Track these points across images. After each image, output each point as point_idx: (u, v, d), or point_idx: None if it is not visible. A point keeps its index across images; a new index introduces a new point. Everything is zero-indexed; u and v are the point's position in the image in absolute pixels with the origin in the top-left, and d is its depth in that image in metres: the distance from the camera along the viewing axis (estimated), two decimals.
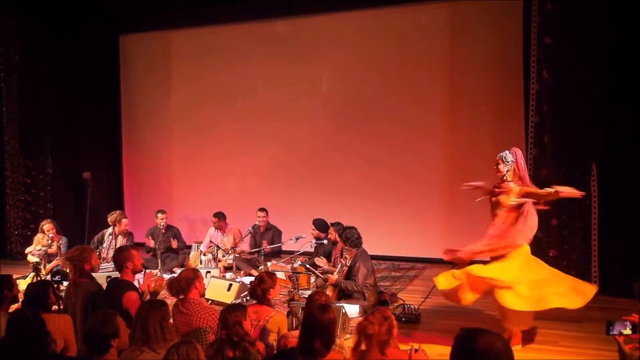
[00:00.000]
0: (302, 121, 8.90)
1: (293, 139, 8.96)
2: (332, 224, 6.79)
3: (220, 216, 8.03)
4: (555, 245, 6.24)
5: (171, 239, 7.80)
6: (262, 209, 7.91)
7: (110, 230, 7.76)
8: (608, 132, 6.17)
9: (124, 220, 7.75)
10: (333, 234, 6.68)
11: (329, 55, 8.67)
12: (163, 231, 7.84)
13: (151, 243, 7.77)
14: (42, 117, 9.05)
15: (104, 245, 7.69)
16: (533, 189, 4.72)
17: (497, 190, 4.82)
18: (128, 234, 7.87)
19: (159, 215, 7.92)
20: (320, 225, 7.10)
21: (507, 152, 4.82)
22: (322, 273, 6.31)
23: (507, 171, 4.77)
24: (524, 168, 4.80)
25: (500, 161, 4.81)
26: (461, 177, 7.94)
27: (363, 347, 3.22)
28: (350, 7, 8.43)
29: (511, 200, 4.70)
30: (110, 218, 7.77)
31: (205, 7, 9.11)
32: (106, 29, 9.63)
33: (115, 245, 7.56)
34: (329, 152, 8.76)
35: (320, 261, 6.50)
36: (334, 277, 5.86)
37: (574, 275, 5.87)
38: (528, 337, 4.93)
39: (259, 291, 4.16)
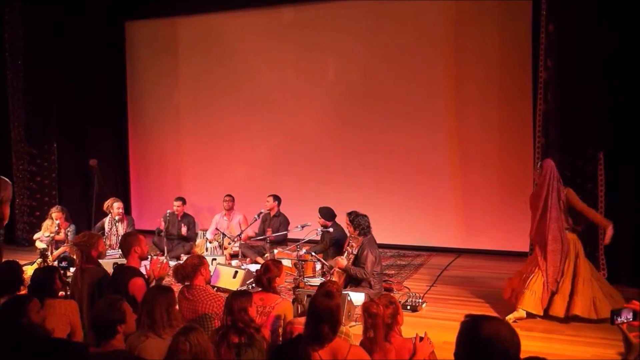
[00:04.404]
0: (308, 109, 8.86)
1: (300, 126, 8.93)
2: (348, 214, 6.55)
3: (232, 197, 8.20)
4: None
5: (182, 225, 7.85)
6: (270, 195, 7.89)
7: (109, 217, 7.77)
8: (616, 121, 6.11)
9: (116, 205, 7.72)
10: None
11: (335, 43, 8.59)
12: (179, 218, 7.93)
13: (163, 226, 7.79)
14: (48, 104, 9.03)
15: (106, 232, 7.68)
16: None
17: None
18: (129, 219, 7.87)
19: (174, 202, 8.01)
20: (326, 213, 7.07)
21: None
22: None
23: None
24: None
25: None
26: (468, 166, 8.00)
27: (371, 334, 3.24)
28: None
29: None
30: (105, 205, 7.81)
31: None
32: (111, 14, 9.58)
33: (117, 231, 7.58)
34: (335, 140, 8.72)
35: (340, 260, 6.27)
36: (343, 262, 5.84)
37: None
38: (533, 326, 4.96)
39: (265, 280, 4.15)
